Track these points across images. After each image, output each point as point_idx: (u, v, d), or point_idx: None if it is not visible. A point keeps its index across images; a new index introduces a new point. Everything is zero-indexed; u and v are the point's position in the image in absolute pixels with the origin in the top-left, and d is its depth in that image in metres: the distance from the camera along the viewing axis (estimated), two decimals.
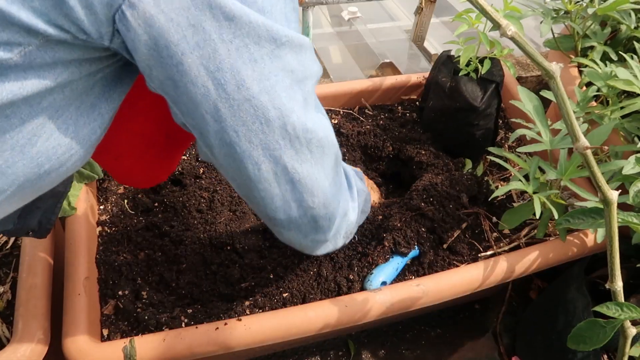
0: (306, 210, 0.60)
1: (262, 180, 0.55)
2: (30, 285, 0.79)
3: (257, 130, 0.51)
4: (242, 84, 0.48)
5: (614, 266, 0.61)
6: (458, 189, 1.01)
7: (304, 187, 0.57)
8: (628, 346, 0.66)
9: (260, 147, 0.52)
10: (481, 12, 0.49)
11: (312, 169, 0.57)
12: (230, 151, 0.52)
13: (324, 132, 0.57)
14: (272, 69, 0.49)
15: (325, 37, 1.79)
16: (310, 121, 0.55)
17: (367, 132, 1.16)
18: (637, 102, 0.90)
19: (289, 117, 0.52)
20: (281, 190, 0.57)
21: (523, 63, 1.66)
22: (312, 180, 0.58)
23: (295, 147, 0.54)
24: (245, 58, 0.48)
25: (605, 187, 0.58)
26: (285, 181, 0.56)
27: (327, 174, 0.60)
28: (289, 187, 0.57)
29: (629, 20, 1.08)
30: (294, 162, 0.55)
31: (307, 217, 0.61)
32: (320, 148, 0.57)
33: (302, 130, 0.54)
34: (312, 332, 0.81)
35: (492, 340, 1.20)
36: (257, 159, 0.53)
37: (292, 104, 0.52)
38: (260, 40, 0.48)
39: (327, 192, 0.60)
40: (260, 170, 0.54)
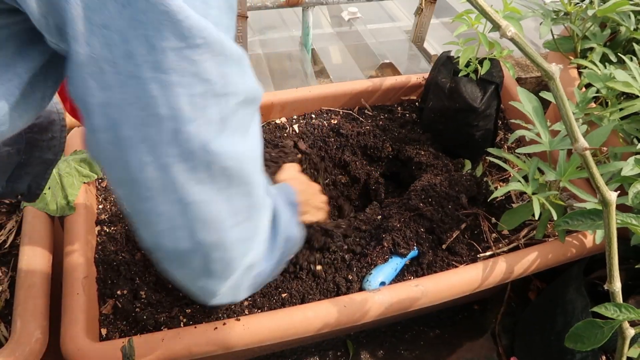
0: (196, 246, 0.49)
1: (146, 186, 0.46)
2: (28, 285, 0.79)
3: (144, 120, 0.43)
4: (130, 56, 0.41)
5: (612, 267, 0.61)
6: (457, 190, 1.01)
7: (196, 216, 0.47)
8: (626, 347, 0.66)
9: (147, 144, 0.44)
10: (481, 13, 0.49)
11: (210, 197, 0.47)
12: (114, 137, 0.44)
13: (235, 163, 0.48)
14: (178, 68, 0.42)
15: (325, 38, 1.80)
16: (218, 144, 0.45)
17: (367, 133, 1.16)
18: (636, 103, 0.90)
19: (184, 125, 0.43)
20: (168, 208, 0.47)
21: (522, 64, 1.67)
22: (207, 211, 0.48)
23: (190, 163, 0.45)
24: (138, 33, 0.40)
25: (604, 188, 0.58)
26: (174, 199, 0.46)
27: (232, 213, 0.50)
28: (178, 209, 0.47)
29: (629, 22, 1.08)
30: (186, 179, 0.46)
31: (197, 255, 0.50)
32: (225, 178, 0.48)
33: (201, 148, 0.45)
34: (311, 332, 0.81)
35: (491, 340, 1.20)
36: (142, 157, 0.44)
37: (196, 114, 0.43)
38: (160, 27, 0.40)
39: (227, 233, 0.50)
40: (144, 173, 0.45)
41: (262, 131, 1.19)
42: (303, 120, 1.22)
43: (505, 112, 1.28)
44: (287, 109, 1.22)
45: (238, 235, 0.51)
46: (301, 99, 1.22)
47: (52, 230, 0.91)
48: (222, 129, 0.46)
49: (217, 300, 0.57)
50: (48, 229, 0.89)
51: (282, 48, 1.69)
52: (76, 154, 1.00)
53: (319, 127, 1.18)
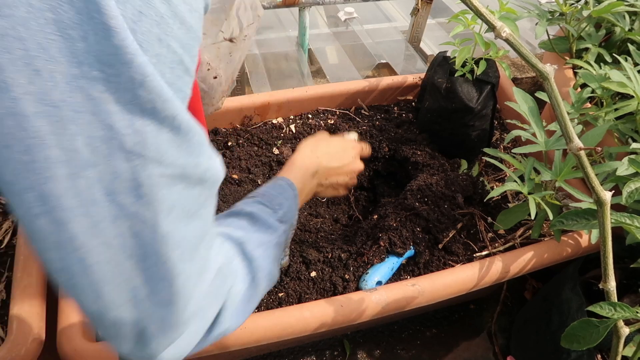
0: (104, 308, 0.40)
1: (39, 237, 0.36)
2: (25, 285, 0.79)
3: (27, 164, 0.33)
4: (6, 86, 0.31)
5: (607, 266, 0.62)
6: (453, 189, 1.02)
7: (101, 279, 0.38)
8: (621, 346, 0.66)
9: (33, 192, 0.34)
10: (476, 14, 0.49)
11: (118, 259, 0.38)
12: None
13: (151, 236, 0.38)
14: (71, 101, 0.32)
15: (321, 38, 1.80)
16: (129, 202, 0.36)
17: (364, 133, 1.16)
18: (631, 103, 0.91)
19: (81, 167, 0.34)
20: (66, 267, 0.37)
21: (518, 64, 1.67)
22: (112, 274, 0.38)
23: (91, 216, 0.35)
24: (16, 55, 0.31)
25: (599, 188, 0.58)
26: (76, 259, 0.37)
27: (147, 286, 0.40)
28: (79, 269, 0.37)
29: (623, 22, 1.09)
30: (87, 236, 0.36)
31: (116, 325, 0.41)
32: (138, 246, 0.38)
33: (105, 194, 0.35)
34: (307, 331, 0.82)
35: (487, 340, 1.20)
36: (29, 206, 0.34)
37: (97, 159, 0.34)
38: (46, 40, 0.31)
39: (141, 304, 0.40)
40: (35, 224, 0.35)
41: (258, 131, 1.19)
42: (300, 121, 1.23)
43: (501, 112, 1.29)
44: (283, 109, 1.22)
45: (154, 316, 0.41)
46: (298, 99, 1.22)
47: None
48: (137, 194, 0.36)
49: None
50: None
51: (278, 48, 1.70)
52: None
53: (315, 127, 1.18)
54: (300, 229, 1.02)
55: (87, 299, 0.39)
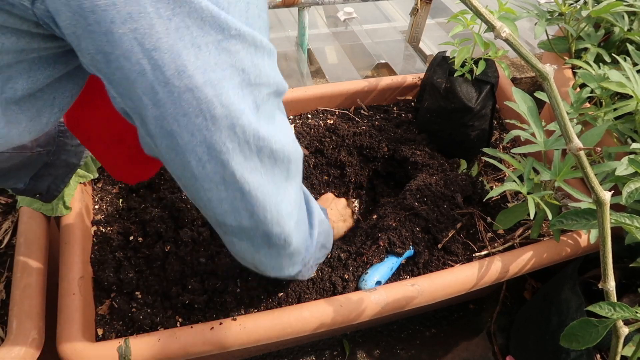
0: (258, 224, 0.56)
1: (207, 180, 0.50)
2: (24, 285, 0.79)
3: (200, 126, 0.46)
4: (183, 70, 0.43)
5: (606, 266, 0.62)
6: (453, 189, 1.02)
7: (255, 200, 0.53)
8: (620, 346, 0.66)
9: (205, 145, 0.47)
10: (475, 14, 0.49)
11: (262, 180, 0.53)
12: (172, 143, 0.48)
13: (279, 145, 0.53)
14: (219, 62, 0.44)
15: (321, 38, 1.80)
16: (264, 129, 0.50)
17: (363, 133, 1.16)
18: (630, 103, 0.91)
19: (238, 118, 0.47)
20: (229, 195, 0.52)
21: (518, 64, 1.67)
22: (263, 194, 0.54)
23: (245, 152, 0.50)
24: (186, 41, 0.42)
25: (598, 188, 0.58)
26: (234, 188, 0.52)
27: (279, 189, 0.56)
28: (239, 195, 0.52)
29: (622, 22, 1.09)
30: (243, 169, 0.51)
31: (260, 231, 0.57)
32: (271, 160, 0.53)
33: (253, 136, 0.49)
34: (307, 331, 0.82)
35: (487, 340, 1.21)
36: (202, 157, 0.48)
37: (243, 105, 0.47)
38: (204, 25, 0.43)
39: (280, 209, 0.56)
40: (205, 169, 0.49)
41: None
42: (299, 121, 1.23)
43: (501, 112, 1.29)
44: None
45: (288, 209, 0.58)
46: (297, 99, 1.22)
47: (48, 231, 0.91)
48: (259, 115, 0.50)
49: (278, 271, 0.66)
50: (44, 229, 0.89)
51: (278, 48, 1.69)
52: None
53: (315, 127, 1.18)
54: None
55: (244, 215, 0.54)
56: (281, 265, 0.65)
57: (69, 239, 0.88)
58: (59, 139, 0.83)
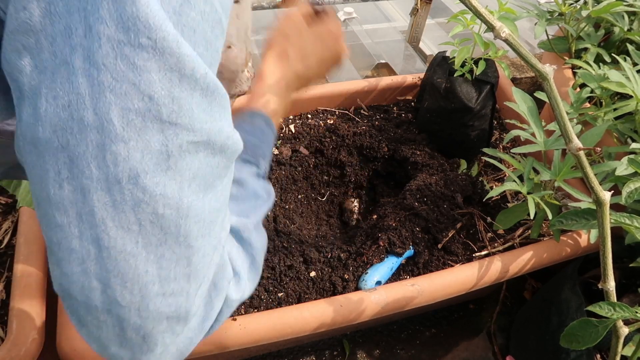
0: (111, 303, 0.37)
1: (61, 209, 0.35)
2: (24, 285, 0.79)
3: (66, 121, 0.33)
4: (69, 32, 0.32)
5: (606, 266, 0.62)
6: (453, 189, 1.02)
7: (114, 267, 0.36)
8: (620, 345, 0.66)
9: (67, 154, 0.34)
10: (475, 14, 0.49)
11: (134, 249, 0.36)
12: (35, 135, 0.34)
13: (174, 214, 0.37)
14: (111, 67, 0.32)
15: None
16: (154, 181, 0.35)
17: (363, 133, 1.16)
18: (630, 103, 0.91)
19: (112, 142, 0.33)
20: (82, 246, 0.36)
21: (518, 64, 1.67)
22: (128, 266, 0.36)
23: (113, 195, 0.35)
24: (81, 4, 0.32)
25: (598, 188, 0.58)
26: (90, 237, 0.36)
27: (163, 278, 0.38)
28: (93, 251, 0.36)
29: (622, 22, 1.09)
30: (107, 215, 0.35)
31: (111, 315, 0.38)
32: (158, 230, 0.36)
33: (130, 178, 0.34)
34: (307, 331, 0.82)
35: (487, 340, 1.21)
36: (61, 170, 0.34)
37: (129, 134, 0.34)
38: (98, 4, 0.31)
39: (150, 300, 0.38)
40: (62, 190, 0.35)
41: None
42: (299, 121, 1.23)
43: (501, 112, 1.29)
44: None
45: (163, 309, 0.39)
46: (297, 99, 1.21)
47: None
48: (165, 166, 0.36)
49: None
50: None
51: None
52: None
53: (315, 127, 1.18)
54: (299, 229, 1.02)
55: (95, 286, 0.37)
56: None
57: None
58: None
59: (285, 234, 0.96)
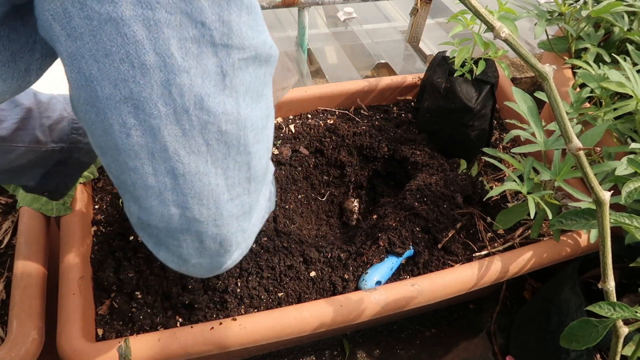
0: (189, 224, 0.42)
1: (132, 154, 0.38)
2: (24, 285, 0.79)
3: (126, 74, 0.35)
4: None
5: (606, 266, 0.62)
6: (453, 189, 1.02)
7: (190, 190, 0.40)
8: (620, 345, 0.66)
9: (132, 103, 0.36)
10: (475, 14, 0.49)
11: (205, 167, 0.40)
12: (91, 96, 0.36)
13: (234, 128, 0.40)
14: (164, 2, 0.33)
15: (321, 38, 1.80)
16: (217, 102, 0.38)
17: (363, 133, 1.16)
18: (630, 103, 0.91)
19: (176, 75, 0.35)
20: (158, 181, 0.39)
21: (517, 64, 1.67)
22: (202, 185, 0.40)
23: (182, 124, 0.37)
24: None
25: (598, 187, 0.58)
26: (165, 170, 0.39)
27: (231, 186, 0.43)
28: (169, 181, 0.39)
29: (622, 22, 1.09)
30: (178, 145, 0.38)
31: (190, 234, 0.43)
32: (223, 145, 0.40)
33: (196, 104, 0.37)
34: (307, 331, 0.82)
35: (487, 340, 1.21)
36: (126, 120, 0.36)
37: (189, 62, 0.36)
38: None
39: (223, 208, 0.43)
40: (130, 138, 0.37)
41: None
42: (299, 121, 1.23)
43: (501, 112, 1.29)
44: (283, 109, 1.22)
45: (234, 211, 0.44)
46: (297, 99, 1.22)
47: (48, 231, 0.91)
48: (222, 86, 0.38)
49: (208, 273, 0.51)
50: (44, 230, 0.89)
51: (278, 48, 1.69)
52: None
53: (315, 127, 1.18)
54: (299, 229, 1.02)
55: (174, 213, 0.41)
56: (211, 272, 0.51)
57: (69, 239, 0.88)
58: (72, 136, 0.79)
59: (285, 234, 0.96)
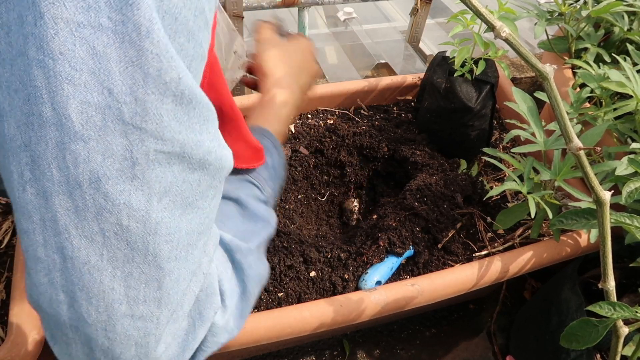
0: (79, 320, 0.34)
1: (25, 213, 0.33)
2: (24, 285, 0.79)
3: (26, 119, 0.30)
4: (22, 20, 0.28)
5: (606, 266, 0.62)
6: (452, 189, 1.02)
7: (78, 280, 0.33)
8: (620, 345, 0.66)
9: (29, 154, 0.31)
10: (475, 14, 0.49)
11: (97, 261, 0.33)
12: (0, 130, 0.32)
13: (139, 227, 0.33)
14: (69, 55, 0.29)
15: (321, 38, 1.80)
16: (118, 189, 0.32)
17: (363, 133, 1.16)
18: (630, 103, 0.91)
19: (71, 140, 0.30)
20: (47, 256, 0.33)
21: (518, 64, 1.67)
22: (92, 277, 0.33)
23: (75, 199, 0.32)
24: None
25: (598, 187, 0.58)
26: (55, 245, 0.33)
27: (131, 299, 0.35)
28: (58, 260, 0.33)
29: (622, 22, 1.09)
30: (69, 221, 0.32)
31: (79, 334, 0.35)
32: (124, 244, 0.33)
33: (90, 182, 0.31)
34: (307, 331, 0.82)
35: (487, 340, 1.21)
36: (24, 171, 0.32)
37: (89, 132, 0.30)
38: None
39: (117, 321, 0.35)
40: (25, 194, 0.32)
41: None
42: (299, 121, 1.23)
43: (501, 112, 1.29)
44: None
45: (131, 332, 0.36)
46: None
47: None
48: (130, 174, 0.32)
49: None
50: None
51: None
52: None
53: (315, 127, 1.18)
54: (299, 229, 1.02)
55: (62, 300, 0.34)
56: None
57: None
58: None
59: (285, 234, 0.96)
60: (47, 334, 0.38)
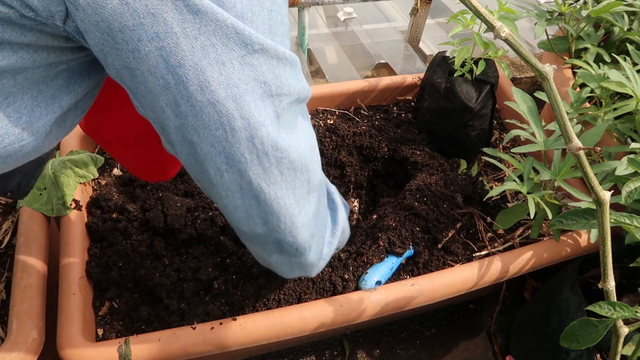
0: (271, 232, 0.57)
1: (224, 188, 0.52)
2: (24, 285, 0.79)
3: (220, 138, 0.48)
4: (206, 85, 0.45)
5: (606, 266, 0.62)
6: (452, 189, 1.02)
7: (270, 209, 0.54)
8: (620, 345, 0.66)
9: (224, 155, 0.49)
10: (475, 14, 0.49)
11: (280, 192, 0.53)
12: (192, 151, 0.50)
13: (298, 155, 0.53)
14: (242, 76, 0.46)
15: (321, 38, 1.80)
16: (283, 139, 0.51)
17: (363, 133, 1.16)
18: (630, 103, 0.91)
19: (257, 130, 0.48)
20: (245, 203, 0.53)
21: (517, 64, 1.67)
22: (279, 205, 0.54)
23: (263, 164, 0.50)
24: (211, 58, 0.44)
25: (598, 187, 0.58)
26: (250, 196, 0.53)
27: (298, 201, 0.56)
28: (254, 203, 0.53)
29: (622, 22, 1.09)
30: (261, 180, 0.51)
31: (272, 239, 0.58)
32: (292, 171, 0.53)
33: (272, 147, 0.50)
34: (307, 331, 0.82)
35: (487, 340, 1.21)
36: (220, 167, 0.50)
37: (263, 116, 0.48)
38: (228, 42, 0.44)
39: (296, 220, 0.57)
40: (223, 178, 0.51)
41: None
42: None
43: (501, 112, 1.29)
44: None
45: (305, 220, 0.58)
46: None
47: (48, 231, 0.91)
48: (279, 125, 0.50)
49: (289, 273, 0.67)
50: (44, 230, 0.89)
51: None
52: (72, 154, 1.00)
53: (315, 127, 1.18)
54: None
55: (258, 222, 0.55)
56: (292, 270, 0.66)
57: (69, 239, 0.88)
58: None
59: None
60: (246, 242, 0.62)
